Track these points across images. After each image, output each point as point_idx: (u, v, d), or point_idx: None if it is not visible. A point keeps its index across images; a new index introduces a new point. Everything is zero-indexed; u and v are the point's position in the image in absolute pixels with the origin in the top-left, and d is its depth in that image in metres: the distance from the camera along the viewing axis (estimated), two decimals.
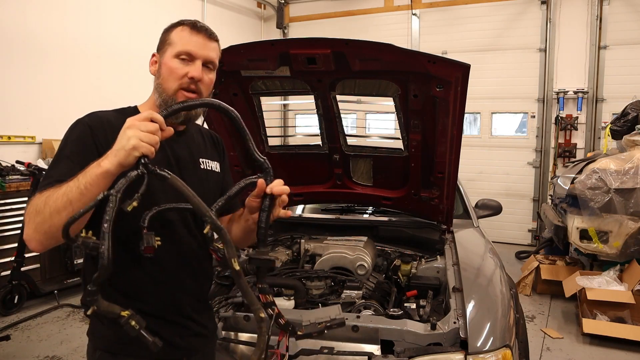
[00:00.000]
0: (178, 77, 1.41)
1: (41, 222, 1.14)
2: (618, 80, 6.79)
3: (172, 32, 1.45)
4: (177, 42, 1.42)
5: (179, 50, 1.41)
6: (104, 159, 1.14)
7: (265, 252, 1.35)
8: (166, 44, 1.44)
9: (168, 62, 1.41)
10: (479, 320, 1.89)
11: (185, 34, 1.43)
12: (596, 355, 3.82)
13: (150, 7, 6.59)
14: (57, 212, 1.13)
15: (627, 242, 4.32)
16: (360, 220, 3.23)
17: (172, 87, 1.41)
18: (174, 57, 1.41)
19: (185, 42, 1.42)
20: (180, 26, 1.45)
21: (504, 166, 7.55)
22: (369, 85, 2.45)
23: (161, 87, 1.42)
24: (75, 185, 1.13)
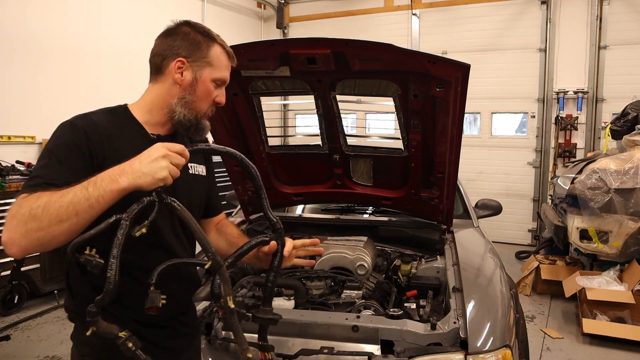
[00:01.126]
0: (211, 101, 1.43)
1: (35, 229, 1.07)
2: (618, 80, 6.79)
3: (212, 50, 1.41)
4: (218, 66, 1.41)
5: (218, 77, 1.42)
6: (121, 174, 1.10)
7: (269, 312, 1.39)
8: (205, 61, 1.40)
9: (207, 84, 1.40)
10: (479, 320, 1.89)
11: (224, 58, 1.43)
12: (596, 355, 3.82)
13: (150, 7, 6.59)
14: (58, 222, 1.07)
15: (627, 242, 4.32)
16: (360, 220, 3.23)
17: (203, 109, 1.41)
18: (212, 80, 1.41)
19: (224, 69, 1.43)
20: (218, 46, 1.43)
21: (504, 166, 7.55)
22: (369, 85, 2.45)
23: (192, 105, 1.39)
24: (85, 197, 1.08)
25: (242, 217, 3.27)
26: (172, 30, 1.43)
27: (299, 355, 1.80)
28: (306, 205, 3.75)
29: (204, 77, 1.39)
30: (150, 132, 1.41)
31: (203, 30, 1.43)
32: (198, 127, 1.42)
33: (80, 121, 1.30)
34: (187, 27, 1.42)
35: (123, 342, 1.09)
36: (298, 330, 1.93)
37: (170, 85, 1.40)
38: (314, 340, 1.89)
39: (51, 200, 1.08)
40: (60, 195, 1.09)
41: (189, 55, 1.39)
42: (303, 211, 3.74)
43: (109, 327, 1.07)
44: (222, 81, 1.43)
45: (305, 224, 3.25)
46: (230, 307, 1.19)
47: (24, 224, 1.07)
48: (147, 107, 1.42)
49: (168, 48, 1.40)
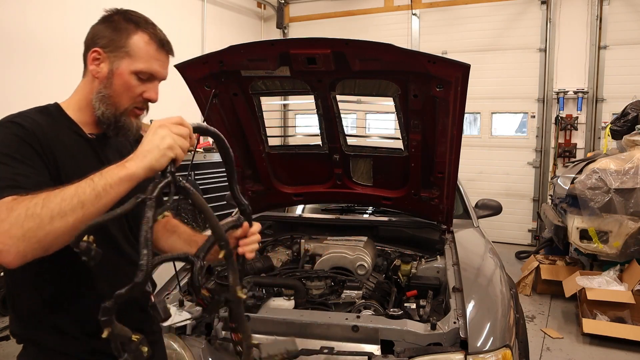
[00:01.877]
0: (134, 97, 1.27)
1: (35, 229, 0.95)
2: (618, 80, 6.78)
3: (133, 39, 1.24)
4: (139, 57, 1.24)
5: (139, 69, 1.25)
6: (127, 161, 1.02)
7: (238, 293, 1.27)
8: (123, 51, 1.24)
9: (125, 77, 1.24)
10: (479, 320, 1.89)
11: (151, 49, 1.25)
12: (596, 355, 3.82)
13: (150, 7, 6.57)
14: (61, 216, 0.96)
15: (627, 242, 4.32)
16: (360, 220, 3.23)
17: (124, 105, 1.27)
18: (133, 73, 1.25)
19: (150, 61, 1.25)
20: (143, 34, 1.25)
21: (504, 166, 7.54)
22: (369, 85, 2.45)
23: (110, 100, 1.25)
24: (90, 187, 0.99)
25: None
26: (103, 18, 1.29)
27: (299, 355, 1.80)
28: (306, 205, 3.75)
29: (121, 69, 1.24)
30: (87, 132, 1.30)
31: (131, 17, 1.27)
32: (117, 126, 1.28)
33: (21, 120, 1.18)
34: (118, 15, 1.28)
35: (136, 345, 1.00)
36: (298, 330, 1.93)
37: (91, 79, 1.28)
38: (314, 340, 1.89)
39: (51, 194, 0.98)
40: (60, 190, 0.99)
41: (106, 45, 1.25)
42: (303, 211, 3.75)
43: (122, 329, 0.98)
44: (147, 74, 1.26)
45: (305, 224, 3.25)
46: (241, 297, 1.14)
47: (21, 226, 0.95)
48: (77, 105, 1.30)
49: (90, 38, 1.28)
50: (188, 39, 7.23)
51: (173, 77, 2.52)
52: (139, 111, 1.31)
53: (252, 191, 3.03)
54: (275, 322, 1.95)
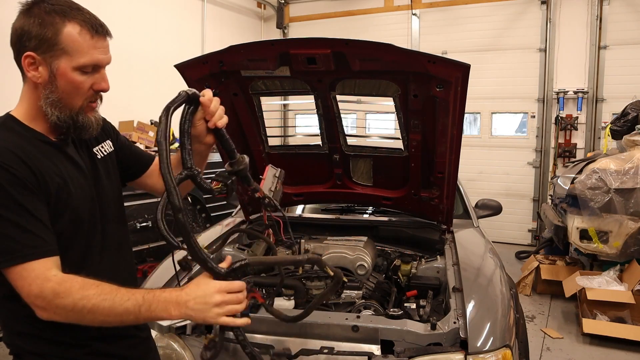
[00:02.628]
0: (84, 92, 1.20)
1: (75, 319, 1.13)
2: (618, 80, 6.78)
3: (64, 33, 1.14)
4: (77, 52, 1.15)
5: (84, 63, 1.17)
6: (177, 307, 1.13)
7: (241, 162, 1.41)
8: (57, 49, 1.14)
9: (69, 76, 1.16)
10: (479, 320, 1.89)
11: (86, 39, 1.16)
12: (596, 355, 3.82)
13: (150, 7, 6.59)
14: (102, 323, 1.14)
15: (627, 242, 4.32)
16: (360, 220, 3.23)
17: (78, 104, 1.20)
18: (75, 69, 1.17)
19: (90, 52, 1.17)
20: (74, 25, 1.15)
21: (504, 166, 7.54)
22: (369, 85, 2.45)
23: (62, 103, 1.18)
24: (134, 314, 1.12)
25: (242, 217, 3.27)
26: (23, 12, 1.18)
27: (299, 355, 1.80)
28: (306, 205, 3.75)
29: (62, 69, 1.15)
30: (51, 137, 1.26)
31: (53, 7, 1.16)
32: (77, 126, 1.23)
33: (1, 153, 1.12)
34: (37, 7, 1.16)
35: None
36: (298, 330, 1.93)
37: (33, 86, 1.19)
38: (314, 340, 1.89)
39: (100, 306, 1.10)
40: (110, 303, 1.11)
41: (37, 47, 1.14)
42: (303, 211, 3.74)
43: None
44: (91, 66, 1.19)
45: (305, 224, 3.25)
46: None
47: (64, 313, 1.11)
48: (29, 115, 1.23)
49: (17, 40, 1.17)
50: (188, 39, 7.23)
51: (173, 77, 2.53)
52: (94, 104, 1.26)
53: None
54: (275, 322, 1.95)
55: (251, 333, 1.97)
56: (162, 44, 6.60)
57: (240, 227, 3.11)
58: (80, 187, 1.29)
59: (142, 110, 6.04)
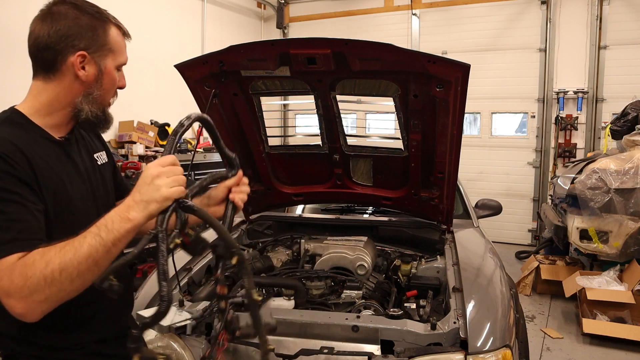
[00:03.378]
0: (115, 89, 1.32)
1: (57, 292, 1.02)
2: (618, 80, 6.78)
3: (110, 33, 1.25)
4: (118, 51, 1.27)
5: (121, 62, 1.29)
6: (129, 210, 1.05)
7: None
8: (106, 48, 1.24)
9: (112, 73, 1.27)
10: (479, 320, 1.89)
11: (121, 40, 1.29)
12: (596, 355, 3.82)
13: (150, 7, 6.59)
14: (79, 277, 1.03)
15: (627, 242, 4.32)
16: (360, 220, 3.23)
17: (108, 100, 1.30)
18: (116, 68, 1.28)
19: (124, 52, 1.30)
20: (114, 27, 1.27)
21: (504, 166, 7.54)
22: (369, 85, 2.45)
23: (99, 99, 1.26)
24: (101, 244, 1.03)
25: (242, 217, 3.27)
26: (55, 13, 1.21)
27: (299, 355, 1.80)
28: (306, 205, 3.75)
29: (109, 68, 1.25)
30: (55, 135, 1.28)
31: (92, 10, 1.24)
32: (106, 120, 1.32)
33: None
34: (72, 8, 1.22)
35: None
36: (298, 330, 1.93)
37: (71, 82, 1.23)
38: (314, 340, 1.89)
39: (65, 260, 1.02)
40: (72, 251, 1.03)
41: (88, 46, 1.21)
42: (303, 211, 3.74)
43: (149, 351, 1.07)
44: (124, 65, 1.32)
45: (305, 224, 3.25)
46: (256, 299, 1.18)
47: (42, 292, 1.01)
48: (46, 110, 1.25)
49: (60, 39, 1.20)
50: (188, 39, 7.23)
51: (173, 77, 2.53)
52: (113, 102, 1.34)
53: (252, 191, 3.02)
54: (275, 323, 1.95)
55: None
56: (162, 44, 6.60)
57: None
58: (78, 188, 1.29)
59: (142, 110, 6.04)
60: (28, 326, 1.14)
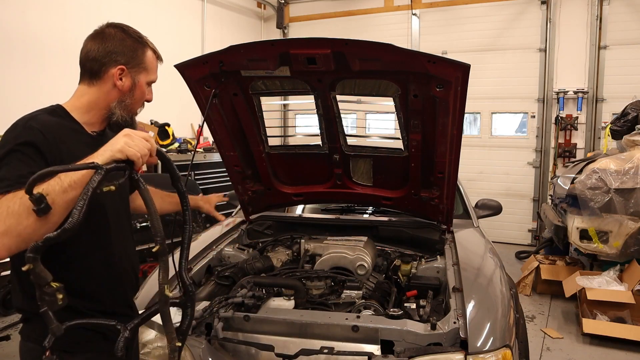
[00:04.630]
0: (143, 101, 1.58)
1: (15, 224, 1.11)
2: (618, 80, 6.78)
3: (146, 55, 1.53)
4: (151, 70, 1.54)
5: (152, 79, 1.55)
6: (93, 157, 1.19)
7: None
8: (142, 67, 1.52)
9: (143, 87, 1.54)
10: (479, 320, 1.89)
11: (154, 61, 1.57)
12: (596, 355, 3.82)
13: (150, 7, 6.59)
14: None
15: (627, 242, 4.32)
16: (360, 220, 3.23)
17: (137, 109, 1.56)
18: (147, 83, 1.54)
19: (155, 72, 1.57)
20: (150, 50, 1.55)
21: (504, 166, 7.54)
22: (369, 85, 2.45)
23: (129, 107, 1.53)
24: (58, 185, 1.14)
25: (242, 217, 3.27)
26: (106, 34, 1.51)
27: (299, 355, 1.80)
28: (306, 205, 3.75)
29: (141, 82, 1.52)
30: (89, 130, 1.51)
31: (135, 35, 1.54)
32: (132, 125, 1.52)
33: (34, 122, 1.36)
34: (120, 32, 1.51)
35: (53, 291, 1.07)
36: (298, 330, 1.93)
37: (109, 89, 1.50)
38: (314, 340, 1.89)
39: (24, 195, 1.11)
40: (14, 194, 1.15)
41: (127, 62, 1.50)
42: (303, 211, 3.74)
43: (44, 271, 1.06)
44: (153, 82, 1.58)
45: (305, 224, 3.25)
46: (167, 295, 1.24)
47: (3, 222, 1.11)
48: (85, 108, 1.50)
49: (106, 54, 1.48)
50: (188, 39, 7.23)
51: (173, 77, 2.53)
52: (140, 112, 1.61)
53: (252, 191, 3.03)
54: (275, 322, 1.95)
55: (251, 333, 1.97)
56: (162, 44, 6.56)
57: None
58: None
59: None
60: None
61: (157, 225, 1.21)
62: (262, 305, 2.12)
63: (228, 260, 2.78)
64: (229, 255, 2.80)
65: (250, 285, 2.20)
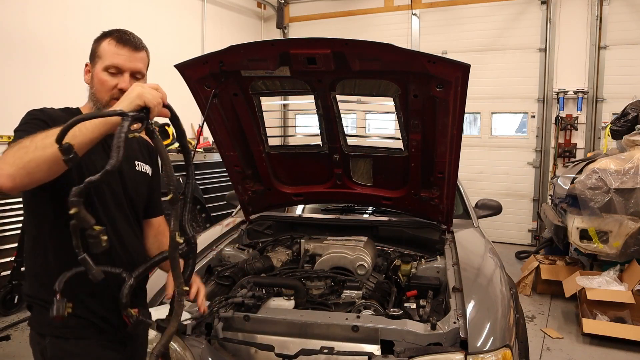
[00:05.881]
0: (109, 89, 1.52)
1: (22, 155, 1.17)
2: (618, 80, 6.78)
3: (101, 44, 1.54)
4: (104, 56, 1.52)
5: (107, 65, 1.52)
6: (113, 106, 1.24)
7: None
8: (96, 56, 1.54)
9: (99, 75, 1.52)
10: (479, 320, 1.89)
11: (112, 47, 1.53)
12: (596, 355, 3.82)
13: (150, 7, 6.59)
14: (42, 147, 1.17)
15: (627, 242, 4.32)
16: (360, 220, 3.23)
17: (104, 98, 1.52)
18: (103, 70, 1.52)
19: (112, 56, 1.52)
20: (107, 38, 1.54)
21: (504, 166, 7.54)
22: (369, 85, 2.45)
23: (95, 97, 1.54)
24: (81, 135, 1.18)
25: (242, 217, 3.27)
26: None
27: (299, 355, 1.80)
28: (306, 205, 3.75)
29: (97, 71, 1.53)
30: None
31: (108, 31, 1.57)
32: None
33: (48, 110, 1.49)
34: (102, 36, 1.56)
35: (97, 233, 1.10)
36: (298, 330, 1.93)
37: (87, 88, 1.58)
38: (314, 340, 1.89)
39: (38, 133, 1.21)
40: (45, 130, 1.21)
41: (90, 58, 1.57)
42: (303, 211, 3.75)
43: (87, 215, 1.09)
44: (114, 67, 1.51)
45: (305, 224, 3.25)
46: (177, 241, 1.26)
47: (13, 155, 1.19)
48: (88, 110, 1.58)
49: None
50: (188, 39, 7.23)
51: (173, 77, 2.53)
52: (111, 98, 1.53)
53: (252, 191, 3.03)
54: (275, 322, 1.95)
55: (251, 333, 1.97)
56: (162, 44, 6.59)
57: None
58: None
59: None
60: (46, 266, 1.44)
61: (170, 174, 1.22)
62: (262, 305, 2.12)
63: (228, 260, 2.78)
64: (229, 255, 2.81)
65: (250, 285, 2.20)
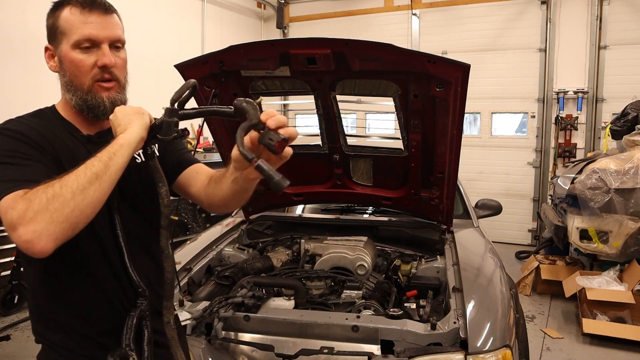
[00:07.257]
0: (88, 70, 1.21)
1: (61, 207, 0.95)
2: (618, 80, 6.78)
3: (60, 17, 1.21)
4: (70, 29, 1.19)
5: (77, 39, 1.19)
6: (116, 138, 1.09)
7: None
8: (58, 33, 1.21)
9: (69, 56, 1.20)
10: (479, 320, 1.89)
11: (76, 16, 1.19)
12: (596, 355, 3.82)
13: (150, 7, 6.59)
14: (81, 190, 0.98)
15: (627, 242, 4.32)
16: (360, 220, 3.23)
17: (85, 83, 1.22)
18: (73, 48, 1.20)
19: (81, 27, 1.19)
20: (67, 7, 1.20)
21: (504, 166, 7.54)
22: (369, 85, 2.45)
23: (72, 85, 1.23)
24: (97, 160, 1.03)
25: (242, 217, 3.27)
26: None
27: (299, 355, 1.80)
28: (306, 205, 3.75)
29: (64, 51, 1.21)
30: (85, 131, 1.29)
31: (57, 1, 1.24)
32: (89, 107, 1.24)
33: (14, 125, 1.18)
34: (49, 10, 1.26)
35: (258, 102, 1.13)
36: (298, 330, 1.93)
37: (57, 78, 1.28)
38: (314, 340, 1.89)
39: (63, 177, 0.99)
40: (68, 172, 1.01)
41: (49, 38, 1.24)
42: (303, 211, 3.75)
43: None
44: (87, 41, 1.20)
45: (305, 224, 3.25)
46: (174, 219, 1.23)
47: (46, 209, 0.94)
48: (64, 107, 1.30)
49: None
50: (188, 39, 7.23)
51: (173, 77, 2.53)
52: (105, 83, 1.24)
53: (252, 191, 3.02)
54: (275, 322, 1.95)
55: (251, 333, 1.97)
56: (162, 44, 6.60)
57: None
58: None
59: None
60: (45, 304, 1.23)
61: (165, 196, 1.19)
62: (262, 305, 2.12)
63: (228, 260, 2.78)
64: (229, 255, 2.81)
65: (250, 285, 2.20)
